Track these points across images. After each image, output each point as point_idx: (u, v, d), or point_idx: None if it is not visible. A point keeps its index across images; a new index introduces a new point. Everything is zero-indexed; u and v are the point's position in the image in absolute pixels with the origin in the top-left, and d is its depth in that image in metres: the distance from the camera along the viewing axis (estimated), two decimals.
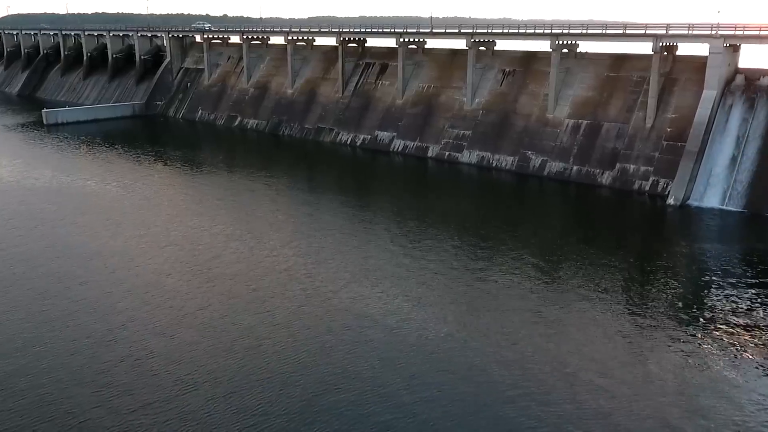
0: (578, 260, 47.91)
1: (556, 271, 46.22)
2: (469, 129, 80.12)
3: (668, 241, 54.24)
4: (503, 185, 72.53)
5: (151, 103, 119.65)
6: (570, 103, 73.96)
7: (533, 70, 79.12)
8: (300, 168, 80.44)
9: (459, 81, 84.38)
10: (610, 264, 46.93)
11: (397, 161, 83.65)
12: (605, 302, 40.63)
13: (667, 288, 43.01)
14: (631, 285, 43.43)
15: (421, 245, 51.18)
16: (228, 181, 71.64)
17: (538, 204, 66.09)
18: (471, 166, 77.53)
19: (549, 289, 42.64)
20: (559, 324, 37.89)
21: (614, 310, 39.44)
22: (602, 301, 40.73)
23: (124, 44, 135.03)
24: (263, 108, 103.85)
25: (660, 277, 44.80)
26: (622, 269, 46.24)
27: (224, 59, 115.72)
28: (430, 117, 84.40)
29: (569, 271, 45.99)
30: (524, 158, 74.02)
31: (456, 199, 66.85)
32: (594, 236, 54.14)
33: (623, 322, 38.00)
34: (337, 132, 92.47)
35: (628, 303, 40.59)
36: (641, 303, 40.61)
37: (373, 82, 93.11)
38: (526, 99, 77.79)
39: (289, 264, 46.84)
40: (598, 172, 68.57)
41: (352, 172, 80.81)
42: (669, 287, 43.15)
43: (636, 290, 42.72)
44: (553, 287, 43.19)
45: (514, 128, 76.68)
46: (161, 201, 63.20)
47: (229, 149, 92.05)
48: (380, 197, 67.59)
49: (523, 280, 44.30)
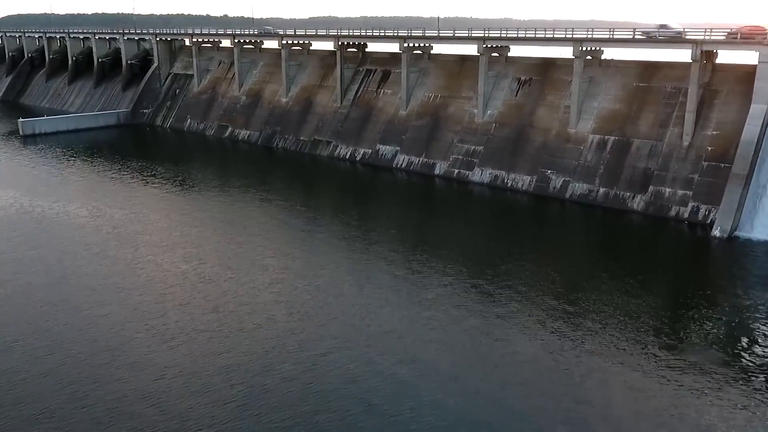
0: (608, 304, 40.84)
1: (582, 317, 39.13)
2: (480, 144, 72.21)
3: (717, 282, 46.33)
4: (520, 208, 64.65)
5: (137, 111, 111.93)
6: (594, 117, 66.05)
7: (552, 78, 71.20)
8: (295, 186, 72.58)
9: (469, 90, 76.50)
10: (650, 312, 39.70)
11: (401, 179, 75.80)
12: (644, 360, 32.99)
13: (725, 347, 35.20)
14: (682, 341, 35.58)
15: (426, 282, 44.42)
16: (216, 203, 63.79)
17: (560, 231, 58.14)
18: (483, 186, 69.64)
19: (576, 345, 34.84)
20: (595, 401, 30.07)
21: (658, 374, 31.85)
22: (640, 360, 33.00)
23: (111, 47, 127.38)
24: (256, 118, 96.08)
25: (714, 332, 36.94)
26: (666, 319, 38.71)
27: (215, 64, 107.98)
28: (437, 130, 76.54)
29: (597, 318, 38.98)
30: (543, 178, 66.12)
31: (466, 223, 59.08)
32: (627, 274, 46.06)
33: (675, 391, 30.32)
34: (335, 145, 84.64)
35: (677, 366, 32.77)
36: (694, 367, 32.78)
37: (374, 91, 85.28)
38: (544, 111, 69.87)
39: (277, 311, 39.11)
40: (628, 196, 60.63)
41: (351, 191, 72.96)
42: (726, 346, 35.34)
43: (687, 348, 34.91)
44: (580, 339, 35.63)
45: (531, 144, 68.79)
46: (132, 230, 55.43)
47: (219, 164, 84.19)
48: (382, 221, 59.74)
49: (547, 333, 36.81)
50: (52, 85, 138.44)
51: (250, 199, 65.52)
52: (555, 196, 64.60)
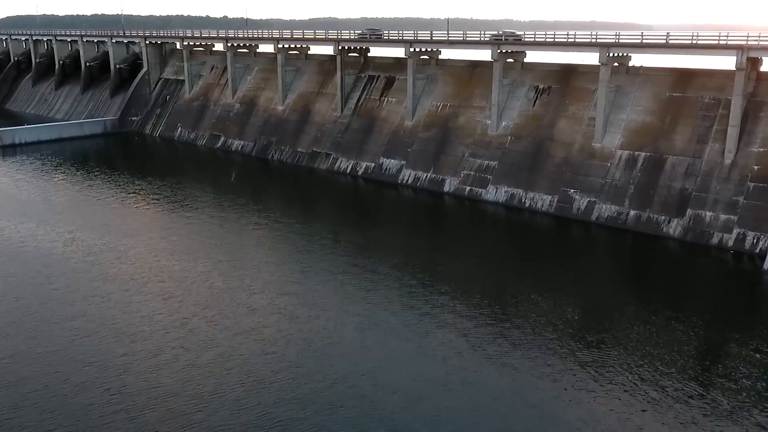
0: (642, 346, 35.75)
1: (615, 366, 33.52)
2: (494, 159, 65.70)
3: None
4: (539, 231, 58.18)
5: (125, 118, 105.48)
6: (623, 130, 59.55)
7: (574, 87, 64.69)
8: (292, 205, 66.02)
9: (481, 99, 70.00)
10: (690, 357, 34.23)
11: (407, 196, 69.29)
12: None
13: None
14: (727, 391, 29.07)
15: (434, 314, 39.64)
16: (204, 226, 57.25)
17: (585, 259, 51.45)
18: (498, 206, 63.13)
19: (608, 401, 28.41)
20: None
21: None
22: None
23: (99, 51, 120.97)
24: (250, 127, 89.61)
25: (764, 382, 30.51)
26: (709, 364, 32.62)
27: (207, 69, 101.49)
28: (447, 143, 70.02)
29: (632, 365, 33.46)
30: (565, 198, 59.62)
31: (481, 249, 52.81)
32: (662, 310, 39.97)
33: None
34: (334, 158, 78.14)
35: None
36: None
37: (377, 99, 78.77)
38: (565, 123, 63.37)
39: (265, 371, 32.59)
40: (663, 220, 54.12)
41: (353, 210, 66.43)
42: None
43: (732, 400, 28.47)
44: (614, 395, 29.37)
45: (551, 160, 62.28)
46: (106, 259, 48.89)
47: (211, 178, 77.42)
48: (387, 246, 53.21)
49: (572, 382, 30.54)
50: (38, 90, 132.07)
51: (243, 221, 58.98)
52: (579, 219, 58.10)
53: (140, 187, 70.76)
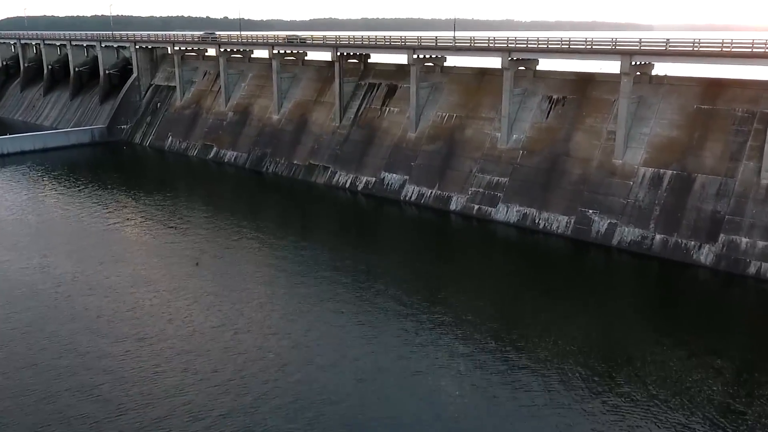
0: (672, 386, 32.02)
1: (645, 409, 29.33)
2: (505, 175, 60.76)
3: None
4: (555, 256, 53.16)
5: (113, 127, 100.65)
6: (646, 146, 54.60)
7: (591, 98, 59.74)
8: (288, 223, 61.31)
9: (490, 110, 65.06)
10: (727, 401, 29.88)
11: (410, 214, 64.35)
12: None
13: None
14: None
15: (441, 353, 35.36)
16: (191, 248, 52.32)
17: (606, 288, 46.26)
18: (509, 227, 58.19)
19: None
20: None
21: None
22: None
23: (89, 56, 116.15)
24: (244, 137, 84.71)
25: None
26: (749, 418, 27.78)
27: (200, 75, 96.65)
28: (453, 157, 65.08)
29: (664, 406, 29.55)
30: (583, 219, 54.67)
31: (490, 275, 48.51)
32: (694, 346, 35.66)
33: None
34: (333, 171, 73.19)
35: None
36: None
37: (378, 109, 73.84)
38: (582, 137, 58.41)
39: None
40: (692, 246, 49.13)
41: (353, 229, 61.50)
42: None
43: None
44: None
45: (567, 177, 57.33)
46: (79, 290, 43.97)
47: (202, 193, 72.46)
48: (390, 269, 48.68)
49: None
50: (27, 95, 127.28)
51: (234, 244, 54.04)
52: (599, 243, 53.12)
53: (125, 204, 65.87)
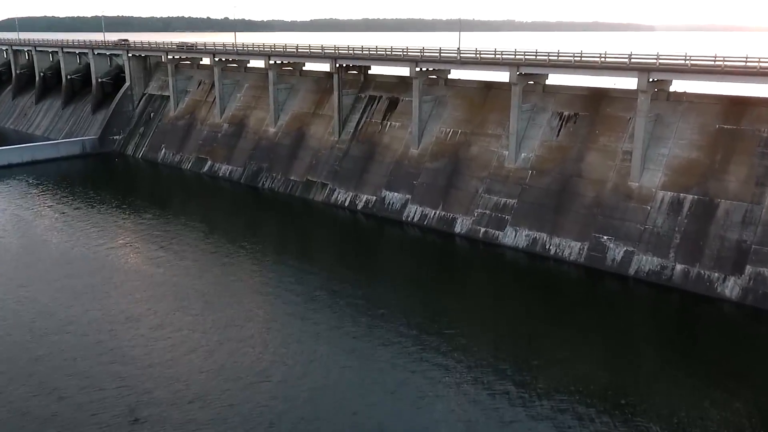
0: None
1: None
2: (513, 197, 57.40)
3: None
4: (567, 285, 49.84)
5: (105, 137, 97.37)
6: (664, 168, 51.22)
7: (604, 115, 56.35)
8: (285, 245, 58.32)
9: (497, 126, 61.71)
10: None
11: (413, 236, 61.01)
12: None
13: None
14: None
15: (444, 383, 31.58)
16: (180, 272, 49.05)
17: (623, 323, 42.71)
18: (517, 252, 54.83)
19: None
20: None
21: None
22: None
23: (81, 63, 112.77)
24: (239, 151, 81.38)
25: None
26: None
27: (194, 85, 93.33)
28: (457, 176, 61.72)
29: None
30: (598, 246, 51.29)
31: (497, 304, 45.51)
32: (719, 390, 32.52)
33: None
34: (331, 188, 69.84)
35: None
36: None
37: (378, 123, 70.49)
38: (596, 158, 55.03)
39: None
40: (716, 278, 45.76)
41: (352, 252, 58.20)
42: None
43: None
44: None
45: (580, 200, 53.96)
46: (55, 322, 40.67)
47: (194, 210, 69.06)
48: (390, 299, 45.52)
49: None
50: (18, 103, 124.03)
51: (225, 268, 50.76)
52: (614, 272, 49.75)
53: (114, 224, 62.61)
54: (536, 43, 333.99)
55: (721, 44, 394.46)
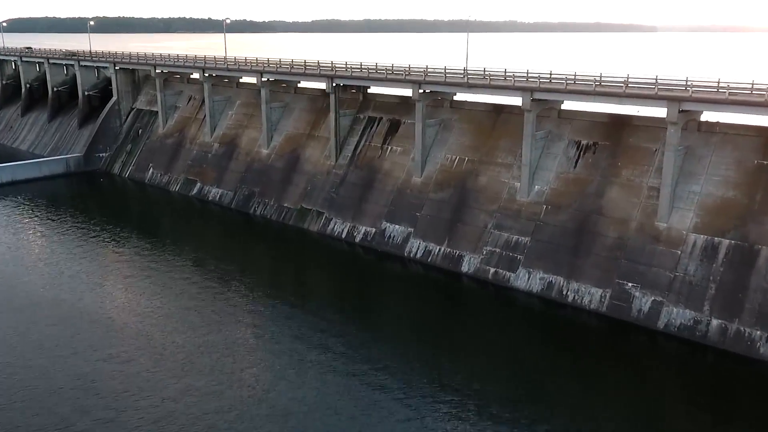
0: None
1: None
2: (525, 234, 52.22)
3: None
4: (587, 337, 44.71)
5: (91, 155, 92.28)
6: (696, 207, 46.00)
7: (627, 145, 51.15)
8: (279, 277, 53.88)
9: (507, 155, 56.54)
10: None
11: (415, 274, 55.91)
12: None
13: None
14: None
15: None
16: (162, 311, 43.93)
17: (650, 384, 37.65)
18: (531, 297, 49.68)
19: None
20: None
21: None
22: None
23: (68, 74, 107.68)
24: (230, 173, 76.25)
25: None
26: None
27: (184, 100, 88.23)
28: (464, 208, 56.56)
29: None
30: (621, 294, 46.09)
31: (509, 356, 40.90)
32: None
33: None
34: (327, 218, 64.71)
35: None
36: None
37: (378, 147, 65.31)
38: (618, 193, 49.81)
39: None
40: (758, 336, 40.56)
41: (349, 288, 53.31)
42: None
43: None
44: None
45: (600, 240, 48.75)
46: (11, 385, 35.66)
47: (183, 239, 63.86)
48: (389, 340, 41.30)
49: None
50: (4, 115, 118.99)
51: (213, 306, 45.59)
52: (641, 324, 44.56)
53: (95, 254, 57.96)
54: (547, 59, 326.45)
55: (725, 45, 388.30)
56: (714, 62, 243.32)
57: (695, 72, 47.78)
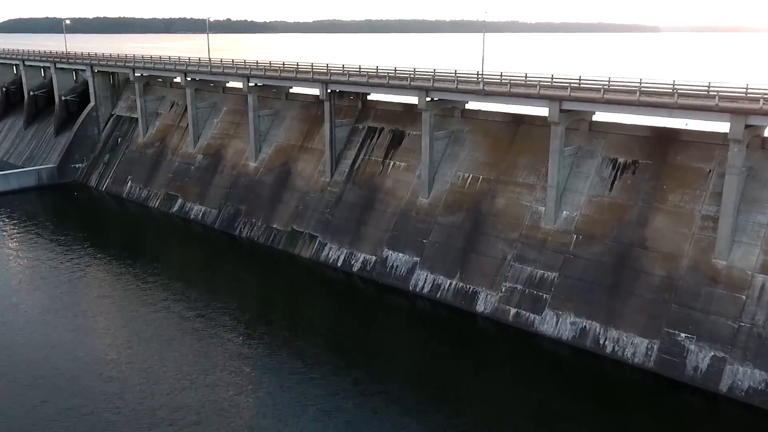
0: None
1: None
2: (553, 268, 44.28)
3: None
4: (633, 400, 36.71)
5: (66, 166, 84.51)
6: (764, 242, 38.04)
7: (674, 164, 43.17)
8: (268, 312, 45.57)
9: (529, 173, 48.61)
10: None
11: (422, 311, 48.07)
12: None
13: None
14: None
15: None
16: (145, 357, 36.14)
17: None
18: (560, 344, 41.77)
19: None
20: None
21: None
22: None
23: (46, 77, 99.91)
24: (214, 188, 68.41)
25: None
26: None
27: (166, 106, 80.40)
28: (479, 236, 48.64)
29: None
30: (673, 347, 38.15)
31: (531, 415, 32.34)
32: None
33: None
34: (321, 243, 56.85)
35: None
36: None
37: (379, 162, 57.44)
38: (664, 222, 41.85)
39: None
40: None
41: (345, 327, 45.39)
42: None
43: None
44: None
45: (644, 279, 40.80)
46: None
47: (161, 264, 55.91)
48: (392, 393, 33.34)
49: None
50: None
51: (203, 338, 37.70)
52: (698, 386, 36.63)
53: (58, 279, 49.82)
54: (554, 59, 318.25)
55: (735, 45, 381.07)
56: (738, 64, 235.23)
57: (741, 77, 39.84)
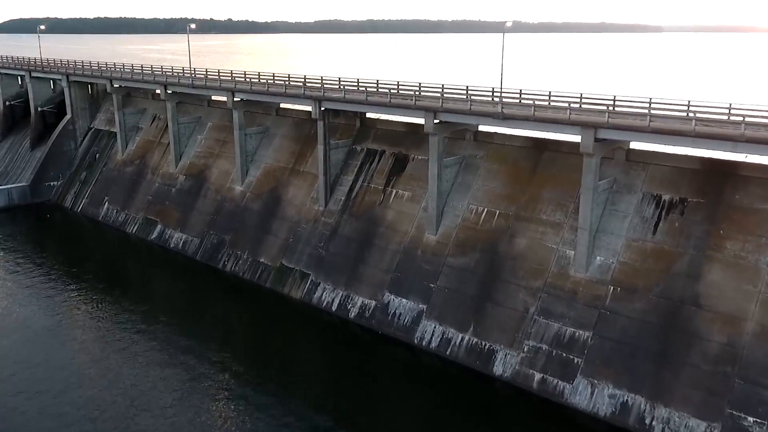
0: None
1: None
2: (586, 327, 37.31)
3: None
4: None
5: (40, 184, 77.71)
6: None
7: (732, 204, 36.18)
8: (248, 369, 38.36)
9: (555, 209, 41.63)
10: None
11: (429, 369, 41.09)
12: None
13: None
14: None
15: None
16: None
17: None
18: (597, 421, 34.82)
19: None
20: None
21: None
22: None
23: (23, 86, 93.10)
24: (196, 214, 61.53)
25: None
26: None
27: (147, 120, 73.50)
28: (497, 282, 41.66)
29: None
30: (738, 430, 31.26)
31: None
32: None
33: None
34: (314, 282, 49.91)
35: None
36: None
37: (380, 190, 50.48)
38: (722, 276, 34.86)
39: None
40: None
41: (340, 386, 38.35)
42: None
43: None
44: None
45: (700, 345, 33.83)
46: None
47: (134, 299, 49.12)
48: None
49: None
50: None
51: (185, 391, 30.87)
52: None
53: (22, 314, 42.89)
54: (563, 60, 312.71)
55: (740, 46, 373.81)
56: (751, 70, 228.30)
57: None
